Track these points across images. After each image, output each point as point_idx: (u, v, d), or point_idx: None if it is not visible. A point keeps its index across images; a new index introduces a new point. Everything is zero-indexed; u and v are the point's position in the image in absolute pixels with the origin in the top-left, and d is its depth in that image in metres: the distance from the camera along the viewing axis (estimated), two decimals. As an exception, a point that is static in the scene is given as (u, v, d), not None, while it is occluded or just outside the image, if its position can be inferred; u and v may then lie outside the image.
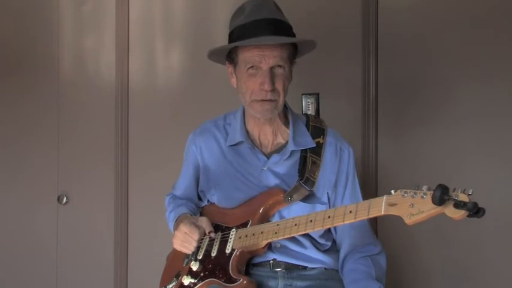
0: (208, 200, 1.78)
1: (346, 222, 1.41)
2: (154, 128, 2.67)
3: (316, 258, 1.63)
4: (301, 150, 1.67)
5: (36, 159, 2.77)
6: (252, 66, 1.59)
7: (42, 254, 2.77)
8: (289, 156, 1.66)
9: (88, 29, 2.74)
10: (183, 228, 1.59)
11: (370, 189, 2.41)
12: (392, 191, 2.31)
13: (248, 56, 1.59)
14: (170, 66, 2.68)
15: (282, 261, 1.61)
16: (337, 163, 1.69)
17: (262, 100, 1.60)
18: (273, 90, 1.59)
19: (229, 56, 1.67)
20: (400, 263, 2.36)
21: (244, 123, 1.73)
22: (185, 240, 1.59)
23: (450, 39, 2.36)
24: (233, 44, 1.61)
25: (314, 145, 1.68)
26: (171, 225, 1.77)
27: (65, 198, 2.73)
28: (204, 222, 1.64)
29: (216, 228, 1.67)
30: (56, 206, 2.75)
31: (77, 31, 2.76)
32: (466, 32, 2.34)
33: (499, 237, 2.26)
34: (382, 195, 2.35)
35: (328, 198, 1.67)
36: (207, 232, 1.62)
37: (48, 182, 2.76)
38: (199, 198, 1.83)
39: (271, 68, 1.58)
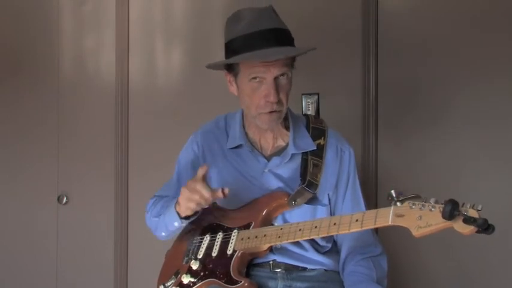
0: None
1: (352, 230, 1.41)
2: (154, 128, 2.67)
3: (316, 260, 1.62)
4: (302, 153, 1.66)
5: (36, 159, 2.78)
6: (255, 77, 1.56)
7: (42, 254, 2.77)
8: (290, 159, 1.65)
9: (88, 29, 2.75)
10: (184, 188, 1.52)
11: (370, 189, 2.41)
12: (392, 191, 2.36)
13: (252, 68, 1.55)
14: (170, 66, 2.68)
15: (282, 262, 1.60)
16: (337, 164, 1.68)
17: (270, 112, 1.58)
18: (278, 101, 1.57)
19: (229, 65, 1.63)
20: (400, 263, 2.36)
21: (244, 126, 1.72)
22: (190, 195, 1.50)
23: (450, 40, 2.36)
24: (238, 58, 1.56)
25: (315, 147, 1.67)
26: (168, 224, 1.64)
27: (65, 198, 2.73)
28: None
29: (218, 228, 1.67)
30: (56, 206, 2.75)
31: (77, 31, 2.76)
32: (466, 33, 2.34)
33: (500, 238, 2.25)
34: (382, 195, 2.40)
35: (329, 200, 1.66)
36: (218, 192, 1.50)
37: (48, 182, 2.76)
38: None
39: (275, 78, 1.55)
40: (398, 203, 1.31)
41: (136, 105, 2.69)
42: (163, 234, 1.69)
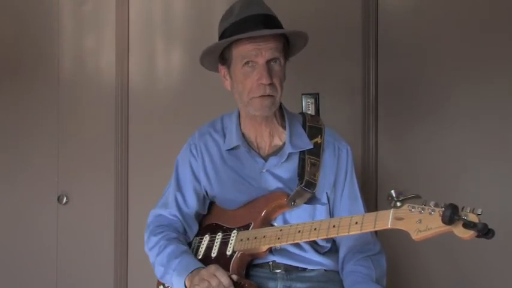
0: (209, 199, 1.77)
1: (351, 233, 1.41)
2: (154, 128, 2.67)
3: (315, 261, 1.62)
4: (300, 152, 1.66)
5: (36, 159, 2.78)
6: (247, 62, 1.58)
7: (42, 254, 2.77)
8: (288, 159, 1.65)
9: (88, 29, 2.75)
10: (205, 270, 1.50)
11: (370, 189, 2.41)
12: (393, 191, 2.36)
13: (243, 50, 1.57)
14: (170, 66, 2.68)
15: (282, 263, 1.60)
16: (335, 163, 1.68)
17: (262, 96, 1.58)
18: (271, 84, 1.57)
19: (222, 57, 1.65)
20: (399, 265, 2.36)
21: (240, 127, 1.71)
22: (207, 277, 1.48)
23: (450, 40, 2.35)
24: (228, 40, 1.58)
25: (311, 146, 1.67)
26: (172, 277, 1.58)
27: (65, 198, 2.74)
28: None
29: (217, 228, 1.67)
30: (56, 206, 2.75)
31: (77, 31, 2.76)
32: (466, 32, 2.34)
33: (500, 239, 2.25)
34: (382, 195, 2.40)
35: (328, 198, 1.66)
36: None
37: (48, 182, 2.76)
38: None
39: (267, 63, 1.57)
40: (398, 203, 1.31)
41: (136, 105, 2.69)
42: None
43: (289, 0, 2.46)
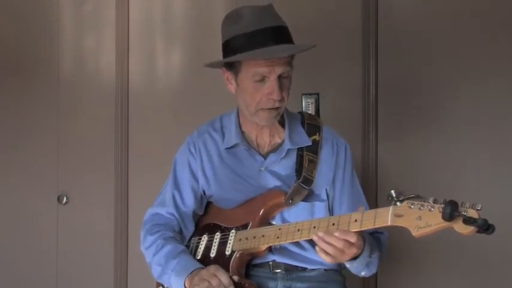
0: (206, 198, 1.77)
1: (351, 230, 1.40)
2: (154, 128, 2.67)
3: (316, 260, 1.61)
4: (298, 149, 1.66)
5: (36, 159, 2.78)
6: (258, 76, 1.55)
7: (42, 254, 2.77)
8: (286, 155, 1.65)
9: (88, 29, 2.75)
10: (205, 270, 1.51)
11: (370, 189, 2.41)
12: (392, 191, 2.36)
13: (255, 67, 1.54)
14: (170, 66, 2.68)
15: (282, 263, 1.60)
16: (334, 159, 1.68)
17: (270, 109, 1.58)
18: (281, 98, 1.57)
19: (229, 64, 1.61)
20: (399, 261, 2.36)
21: (240, 125, 1.71)
22: (207, 277, 1.48)
23: (450, 40, 2.36)
24: (244, 56, 1.54)
25: (310, 143, 1.67)
26: (169, 276, 1.58)
27: (65, 198, 2.74)
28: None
29: (215, 228, 1.66)
30: (56, 206, 2.75)
31: (77, 31, 2.77)
32: (467, 32, 2.34)
33: (500, 238, 2.25)
34: (382, 195, 2.40)
35: (327, 195, 1.66)
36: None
37: (48, 182, 2.76)
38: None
39: (278, 77, 1.55)
40: (398, 203, 1.31)
41: (137, 105, 2.69)
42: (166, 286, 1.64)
43: (289, 0, 2.46)
